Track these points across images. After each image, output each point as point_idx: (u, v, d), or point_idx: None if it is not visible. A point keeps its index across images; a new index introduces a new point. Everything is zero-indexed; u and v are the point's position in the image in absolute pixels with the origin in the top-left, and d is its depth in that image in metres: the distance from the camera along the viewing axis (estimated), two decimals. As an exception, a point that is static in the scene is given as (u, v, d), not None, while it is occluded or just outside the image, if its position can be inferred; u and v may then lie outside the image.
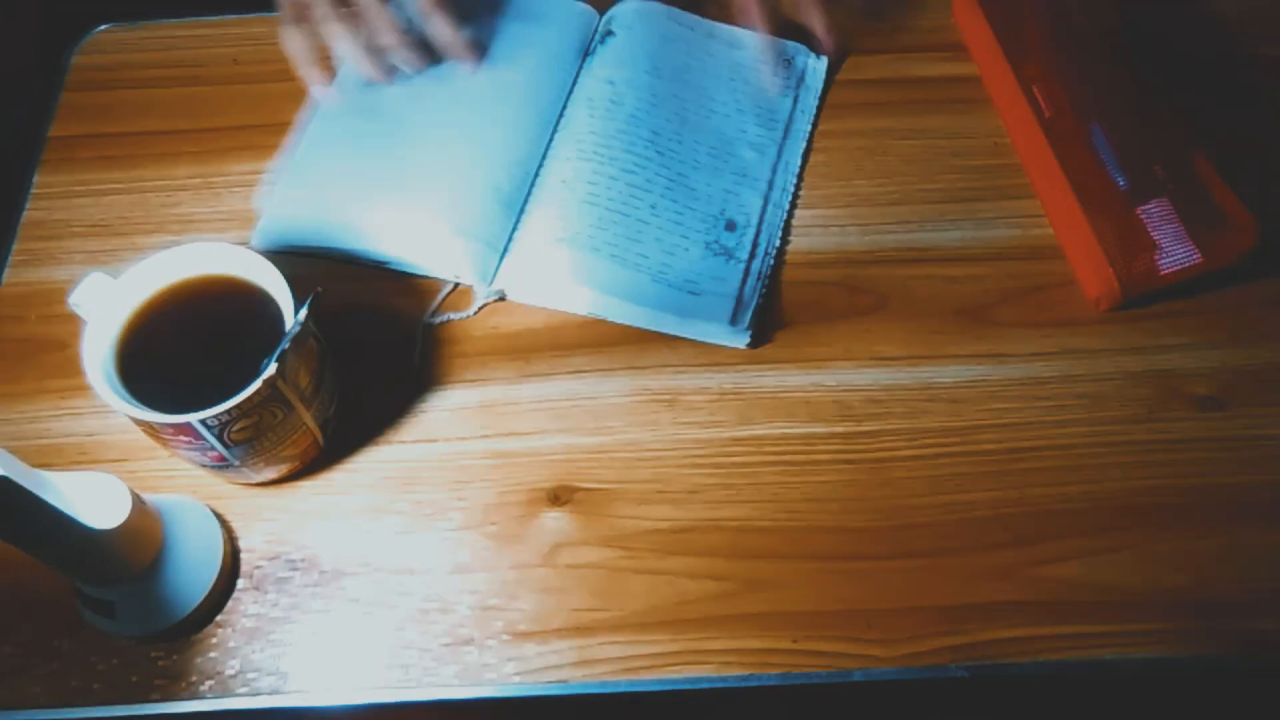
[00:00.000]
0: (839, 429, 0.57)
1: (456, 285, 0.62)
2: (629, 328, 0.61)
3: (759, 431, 0.57)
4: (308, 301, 0.50)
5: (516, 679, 0.51)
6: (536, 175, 0.66)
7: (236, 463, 0.52)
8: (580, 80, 0.69)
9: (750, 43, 0.71)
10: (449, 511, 0.56)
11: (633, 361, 0.60)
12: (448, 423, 0.58)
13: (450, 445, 0.58)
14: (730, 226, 0.64)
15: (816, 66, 0.71)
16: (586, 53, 0.71)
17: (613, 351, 0.60)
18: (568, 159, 0.66)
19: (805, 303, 0.62)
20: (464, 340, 0.61)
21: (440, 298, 0.62)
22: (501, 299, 0.62)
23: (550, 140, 0.67)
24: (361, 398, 0.59)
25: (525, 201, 0.65)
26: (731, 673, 0.51)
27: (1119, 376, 0.58)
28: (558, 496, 0.56)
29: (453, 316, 0.61)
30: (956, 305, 0.61)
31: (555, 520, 0.55)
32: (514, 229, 0.64)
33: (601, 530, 0.55)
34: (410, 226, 0.63)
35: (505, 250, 0.63)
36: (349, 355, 0.58)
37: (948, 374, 0.59)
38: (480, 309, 0.62)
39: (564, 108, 0.69)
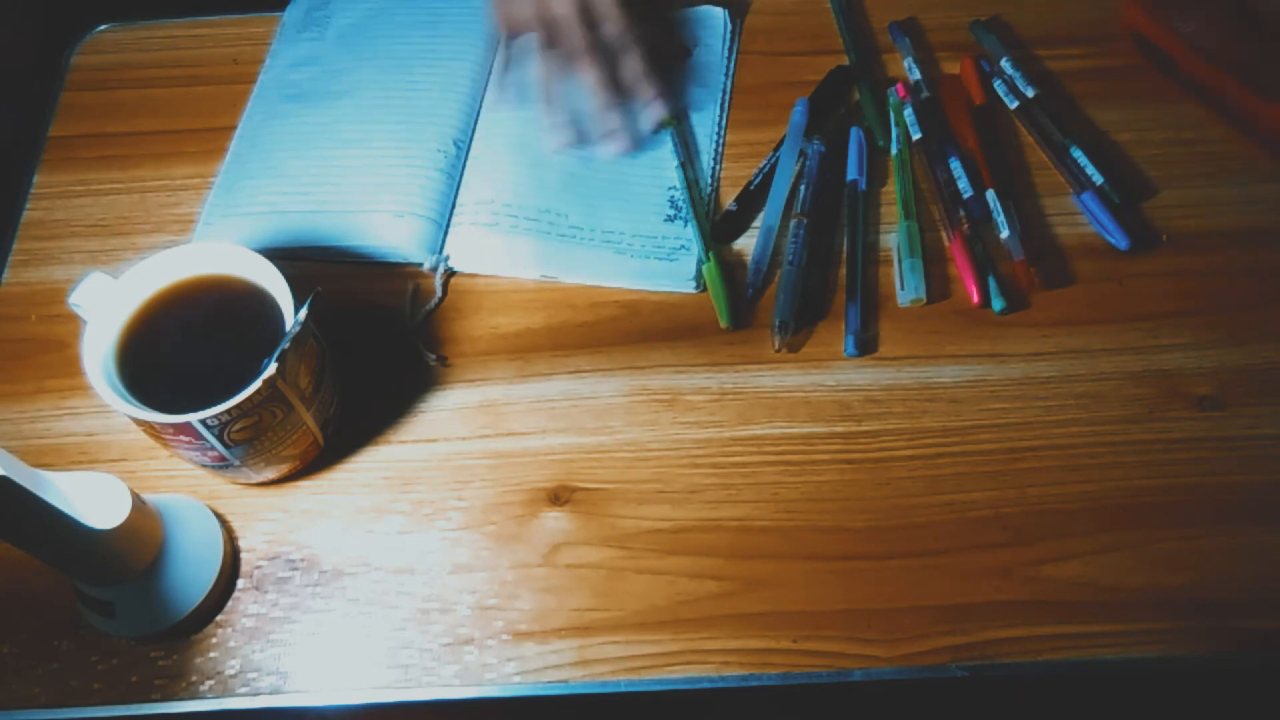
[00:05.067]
0: (839, 429, 0.57)
1: (418, 287, 0.62)
2: (628, 328, 0.61)
3: (759, 431, 0.57)
4: (308, 301, 0.50)
5: (516, 679, 0.51)
6: (470, 143, 0.67)
7: (236, 463, 0.52)
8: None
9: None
10: (449, 511, 0.56)
11: (632, 361, 0.60)
12: (447, 423, 0.58)
13: (450, 445, 0.58)
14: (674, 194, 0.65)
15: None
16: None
17: (612, 351, 0.60)
18: (500, 123, 0.67)
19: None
20: (464, 340, 0.61)
21: (410, 294, 0.62)
22: (451, 273, 0.63)
23: (479, 107, 0.69)
24: (361, 398, 0.59)
25: (462, 171, 0.66)
26: (731, 673, 0.51)
27: (1119, 376, 0.58)
28: (558, 496, 0.56)
29: (428, 307, 0.62)
30: (956, 305, 0.61)
31: (555, 520, 0.55)
32: (455, 199, 0.65)
33: (601, 530, 0.55)
34: (353, 213, 0.64)
35: (449, 224, 0.64)
36: (349, 355, 0.58)
37: (947, 374, 0.59)
38: (444, 284, 0.62)
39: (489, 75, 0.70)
